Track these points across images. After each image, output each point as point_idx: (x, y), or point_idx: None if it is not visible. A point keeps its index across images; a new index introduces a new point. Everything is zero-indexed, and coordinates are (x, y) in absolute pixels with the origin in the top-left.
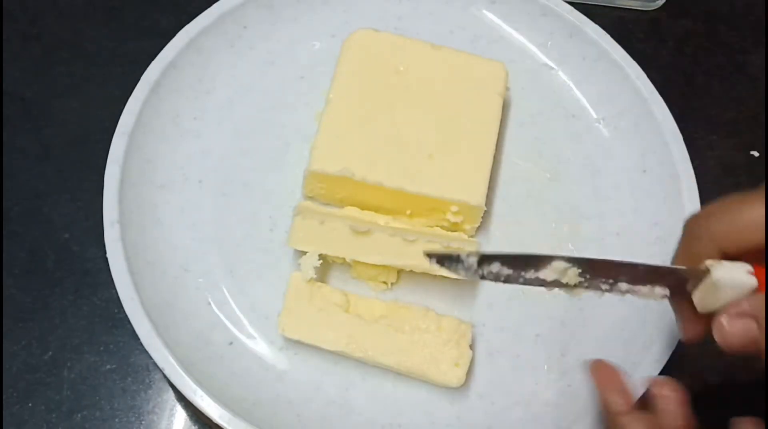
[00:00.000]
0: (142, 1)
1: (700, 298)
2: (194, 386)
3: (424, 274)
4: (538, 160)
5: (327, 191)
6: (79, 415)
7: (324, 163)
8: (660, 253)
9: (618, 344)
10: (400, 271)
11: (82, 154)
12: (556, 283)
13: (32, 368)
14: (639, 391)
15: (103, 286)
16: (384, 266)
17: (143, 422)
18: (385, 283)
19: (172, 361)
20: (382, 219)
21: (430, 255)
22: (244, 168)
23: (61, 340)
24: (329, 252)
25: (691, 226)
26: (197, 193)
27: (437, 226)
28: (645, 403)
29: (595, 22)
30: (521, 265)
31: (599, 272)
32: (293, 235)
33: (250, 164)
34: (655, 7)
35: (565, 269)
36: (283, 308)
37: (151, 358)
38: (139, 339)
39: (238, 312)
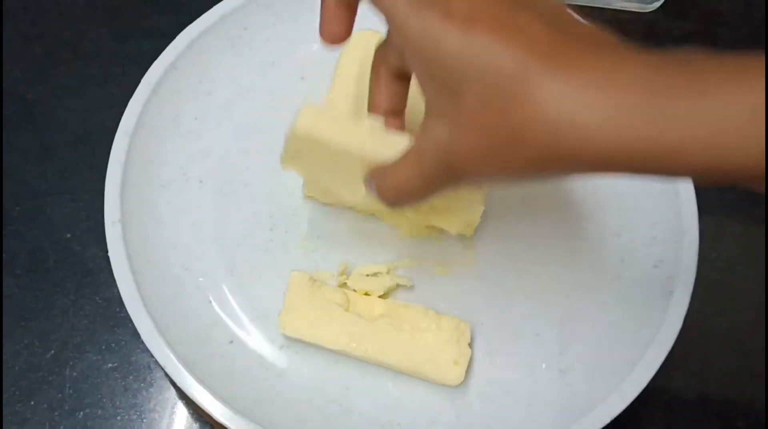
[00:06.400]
0: (143, 2)
1: None
2: (195, 384)
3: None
4: None
5: (328, 192)
6: (81, 414)
7: None
8: (659, 253)
9: (617, 344)
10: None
11: (83, 154)
12: None
13: (34, 367)
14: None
15: (105, 286)
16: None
17: (145, 420)
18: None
19: (174, 359)
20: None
21: None
22: (244, 168)
23: (62, 339)
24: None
25: None
26: (198, 193)
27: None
28: None
29: (593, 24)
30: None
31: None
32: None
33: (250, 164)
34: (653, 9)
35: None
36: (283, 307)
37: (152, 356)
38: (140, 337)
39: (238, 311)
